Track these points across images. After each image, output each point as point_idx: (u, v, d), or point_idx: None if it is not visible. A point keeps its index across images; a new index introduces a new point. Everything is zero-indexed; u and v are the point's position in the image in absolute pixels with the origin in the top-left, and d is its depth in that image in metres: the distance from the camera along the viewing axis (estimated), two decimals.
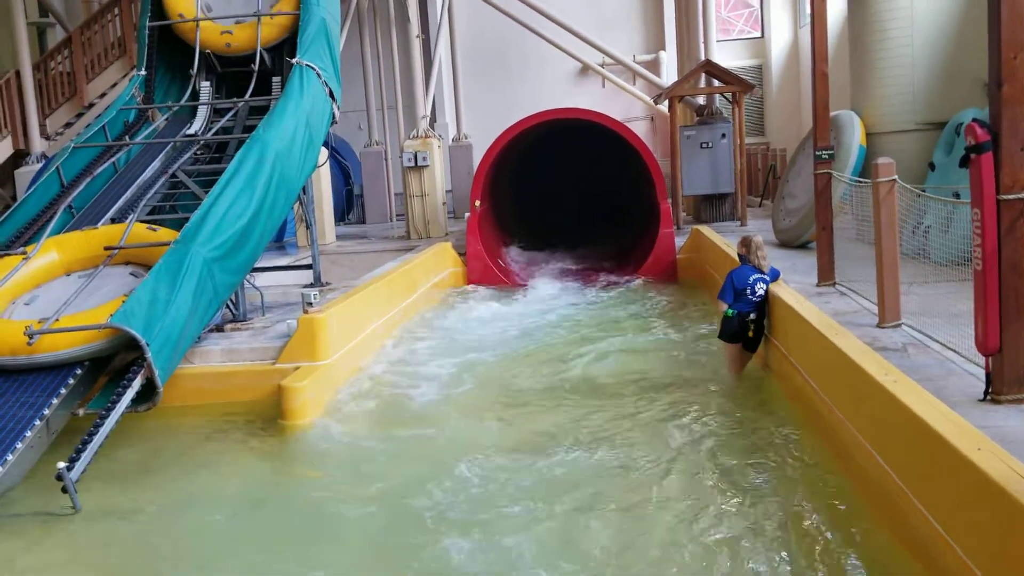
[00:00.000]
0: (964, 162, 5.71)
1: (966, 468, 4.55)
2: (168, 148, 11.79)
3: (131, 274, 9.44)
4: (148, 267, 9.13)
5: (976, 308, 5.80)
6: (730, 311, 9.18)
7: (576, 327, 12.47)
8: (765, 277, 9.19)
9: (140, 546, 6.52)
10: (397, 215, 22.86)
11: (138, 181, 11.22)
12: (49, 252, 9.70)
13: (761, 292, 9.13)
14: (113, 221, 10.53)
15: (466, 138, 23.78)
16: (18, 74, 18.73)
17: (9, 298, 9.15)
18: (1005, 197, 5.50)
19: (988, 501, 4.33)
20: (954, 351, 6.85)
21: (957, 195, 9.73)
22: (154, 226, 10.01)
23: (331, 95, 12.02)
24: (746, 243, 9.40)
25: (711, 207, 18.80)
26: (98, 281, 9.38)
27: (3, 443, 7.31)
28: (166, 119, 12.62)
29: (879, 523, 5.67)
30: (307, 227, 13.19)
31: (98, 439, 7.51)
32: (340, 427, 8.66)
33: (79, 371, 8.16)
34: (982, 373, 5.94)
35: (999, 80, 5.46)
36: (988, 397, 5.80)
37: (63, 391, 7.91)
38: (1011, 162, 5.47)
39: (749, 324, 9.13)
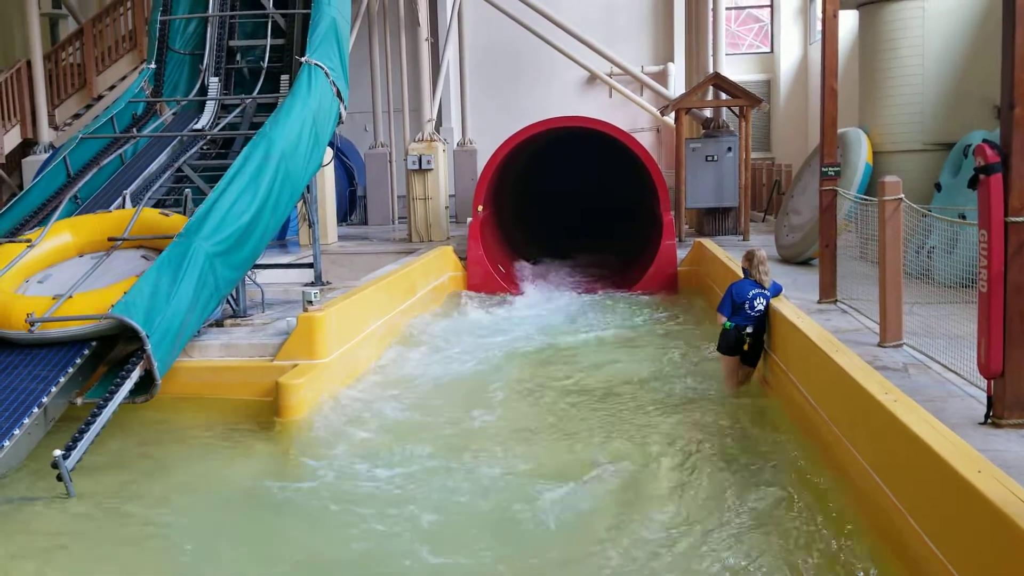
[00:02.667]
0: (973, 183, 5.70)
1: (965, 490, 4.52)
2: (175, 142, 11.80)
3: (143, 257, 9.61)
4: (159, 250, 9.24)
5: (979, 330, 5.79)
6: (728, 324, 9.17)
7: (572, 336, 12.46)
8: (765, 292, 9.17)
9: (132, 534, 6.52)
10: (399, 217, 22.85)
11: (144, 174, 11.24)
12: (62, 234, 9.87)
13: (760, 307, 9.11)
14: None
15: (471, 143, 23.77)
16: (29, 64, 18.77)
17: (23, 277, 9.33)
18: (1013, 219, 5.49)
19: (987, 524, 4.30)
20: (956, 373, 6.84)
21: (963, 216, 9.73)
22: (166, 211, 10.15)
23: (339, 95, 12.02)
24: (749, 257, 9.38)
25: (714, 220, 18.79)
26: (109, 263, 9.57)
27: (1, 429, 7.31)
28: (174, 113, 12.64)
29: (876, 543, 5.64)
30: (310, 226, 13.18)
31: (95, 428, 7.51)
32: (335, 426, 8.65)
33: (79, 360, 8.15)
34: (983, 396, 5.92)
35: (1011, 101, 5.45)
36: (989, 420, 5.78)
37: (62, 379, 7.91)
38: (1020, 184, 5.47)
39: (745, 337, 9.10)
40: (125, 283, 8.67)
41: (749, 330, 9.07)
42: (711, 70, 19.71)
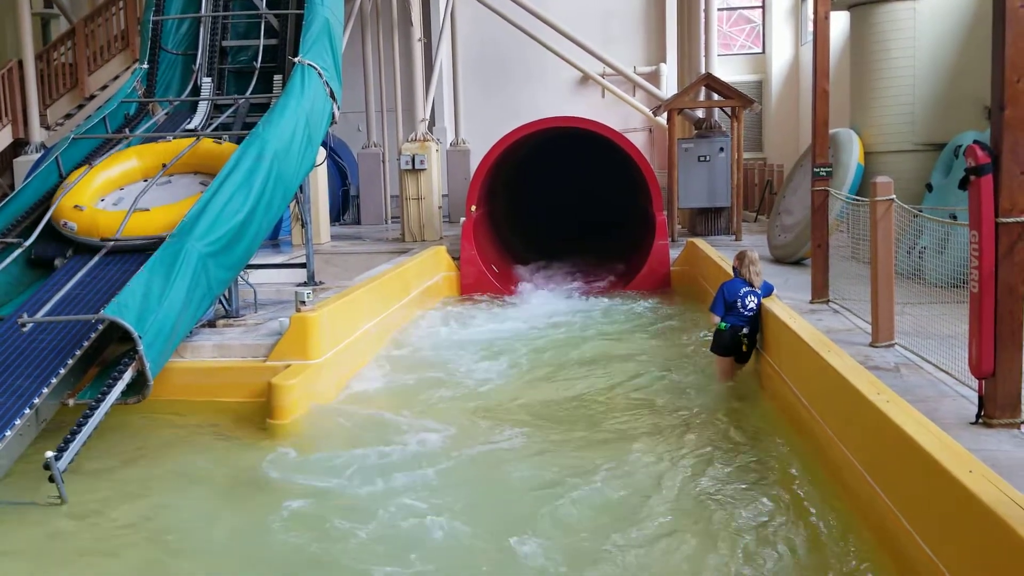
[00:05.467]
0: (964, 184, 5.71)
1: (957, 490, 4.55)
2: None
3: (200, 183, 10.64)
4: (213, 175, 10.14)
5: (971, 330, 5.81)
6: (723, 324, 9.19)
7: (564, 336, 12.48)
8: (756, 291, 9.19)
9: (124, 535, 6.52)
10: (392, 217, 22.87)
11: None
12: (130, 160, 11.11)
13: (753, 306, 9.13)
14: None
15: (464, 143, 23.78)
16: (20, 64, 18.70)
17: (99, 196, 10.60)
18: (1004, 220, 5.51)
19: (978, 524, 4.32)
20: (947, 373, 6.86)
21: (954, 217, 9.77)
22: (219, 140, 11.27)
23: (332, 95, 12.00)
24: (740, 257, 9.42)
25: (706, 220, 18.82)
26: (172, 186, 10.73)
27: None
28: (166, 113, 12.60)
29: (867, 543, 5.66)
30: (302, 226, 13.16)
31: (87, 430, 7.48)
32: (329, 426, 8.64)
33: (70, 361, 8.12)
34: (975, 396, 5.94)
35: (1001, 103, 5.47)
36: (980, 420, 5.80)
37: (54, 380, 7.88)
38: (1011, 185, 5.48)
39: (742, 339, 9.14)
40: (188, 200, 9.85)
41: (745, 331, 9.10)
42: (703, 71, 19.73)
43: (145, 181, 10.95)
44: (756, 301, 9.16)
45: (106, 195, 10.74)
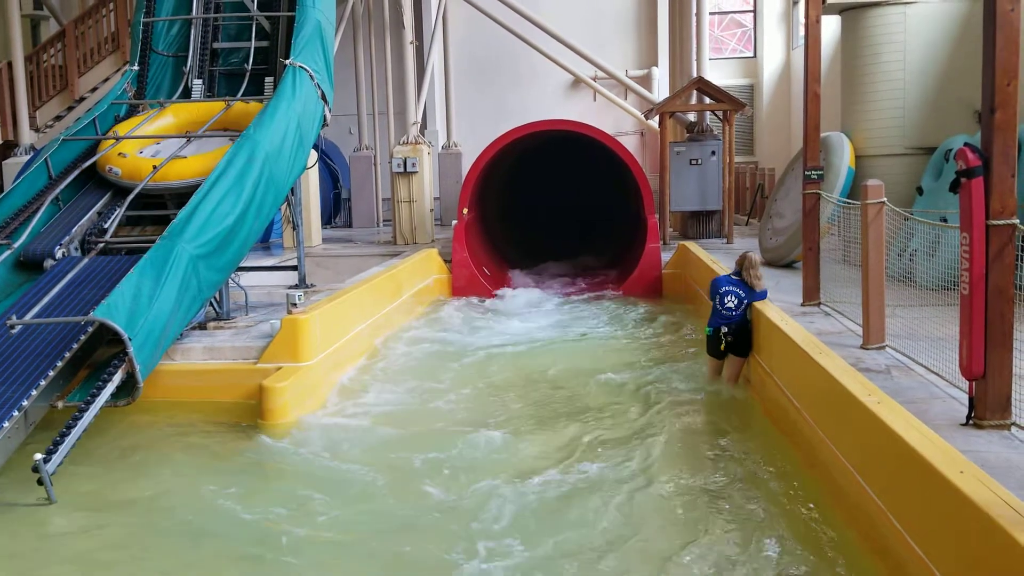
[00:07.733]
0: (954, 186, 5.73)
1: (948, 491, 4.55)
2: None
3: (229, 139, 11.10)
4: (240, 132, 10.74)
5: (961, 332, 5.82)
6: (708, 329, 9.34)
7: (554, 336, 12.49)
8: (740, 292, 9.23)
9: (113, 540, 6.49)
10: (384, 220, 22.84)
11: None
12: (166, 116, 12.07)
13: (731, 306, 9.19)
14: (99, 215, 10.56)
15: (456, 146, 23.77)
16: (10, 65, 18.61)
17: (139, 148, 11.38)
18: (994, 222, 5.52)
19: (969, 525, 4.33)
20: (938, 375, 6.88)
21: (945, 219, 9.80)
22: (247, 99, 12.17)
23: (323, 98, 12.00)
24: (741, 259, 9.48)
25: (698, 224, 18.84)
26: (203, 141, 11.45)
27: None
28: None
29: (859, 545, 5.67)
30: (294, 228, 13.15)
31: (76, 432, 7.45)
32: (320, 429, 8.63)
33: (59, 363, 8.08)
34: (965, 397, 5.95)
35: (992, 106, 5.49)
36: (971, 422, 5.81)
37: (43, 382, 7.83)
38: (1001, 187, 5.50)
39: (722, 337, 9.23)
40: (219, 151, 10.58)
41: (725, 330, 9.19)
42: (695, 74, 19.75)
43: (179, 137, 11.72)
44: (736, 302, 9.21)
45: (144, 148, 11.49)
